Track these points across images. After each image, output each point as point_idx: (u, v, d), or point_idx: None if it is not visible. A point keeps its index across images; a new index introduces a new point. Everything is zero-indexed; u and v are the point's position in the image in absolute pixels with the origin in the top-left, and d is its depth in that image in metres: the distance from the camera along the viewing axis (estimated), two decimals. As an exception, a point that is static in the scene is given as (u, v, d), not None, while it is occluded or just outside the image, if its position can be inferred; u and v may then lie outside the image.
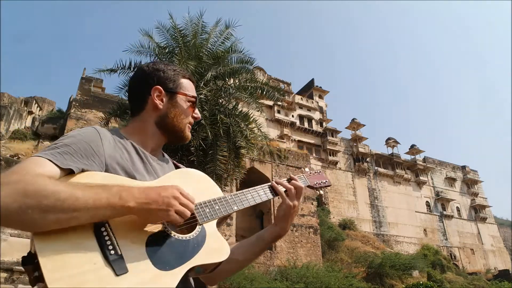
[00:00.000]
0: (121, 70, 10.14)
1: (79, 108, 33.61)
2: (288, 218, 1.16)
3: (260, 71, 38.98)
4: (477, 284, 32.46)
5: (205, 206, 1.01)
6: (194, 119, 1.17)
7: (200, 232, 0.97)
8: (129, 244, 0.84)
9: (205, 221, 0.99)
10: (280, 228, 1.17)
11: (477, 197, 53.24)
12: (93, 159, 0.91)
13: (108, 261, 0.79)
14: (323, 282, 20.02)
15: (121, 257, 0.81)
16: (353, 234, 35.15)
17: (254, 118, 10.50)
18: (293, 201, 1.15)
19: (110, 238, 0.82)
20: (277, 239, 1.18)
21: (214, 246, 0.97)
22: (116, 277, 0.78)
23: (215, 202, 1.04)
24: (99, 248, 0.80)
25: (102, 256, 0.79)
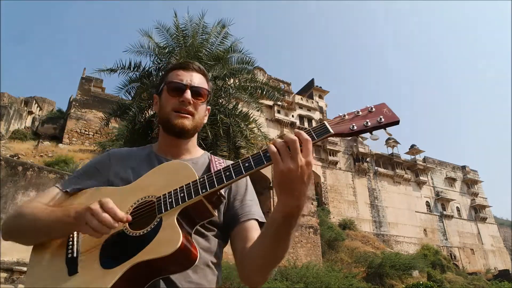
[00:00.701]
0: (121, 70, 10.15)
1: (79, 108, 33.60)
2: (286, 187, 0.82)
3: (260, 71, 38.98)
4: (477, 284, 32.43)
5: (168, 196, 0.93)
6: (181, 102, 1.09)
7: (155, 226, 0.90)
8: (88, 247, 0.94)
9: (163, 213, 0.91)
10: (282, 205, 0.85)
11: (477, 197, 53.20)
12: (95, 178, 1.11)
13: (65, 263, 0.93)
14: (323, 282, 20.00)
15: (75, 258, 0.93)
16: (353, 234, 35.12)
17: (254, 118, 10.50)
18: (286, 162, 0.81)
19: (73, 244, 0.96)
20: (289, 220, 0.86)
21: (163, 238, 0.86)
22: (68, 276, 0.90)
23: (182, 189, 0.92)
24: (65, 253, 0.95)
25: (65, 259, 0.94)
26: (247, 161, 0.89)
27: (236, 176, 0.88)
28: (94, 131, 32.34)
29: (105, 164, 1.13)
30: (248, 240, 1.02)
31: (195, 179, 0.94)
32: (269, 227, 0.90)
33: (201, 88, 1.14)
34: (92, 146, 28.64)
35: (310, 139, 0.84)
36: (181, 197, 0.91)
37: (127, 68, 10.17)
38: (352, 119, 0.90)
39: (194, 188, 0.91)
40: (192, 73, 1.15)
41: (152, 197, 0.96)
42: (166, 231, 0.88)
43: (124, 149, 1.21)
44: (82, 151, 28.15)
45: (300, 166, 0.81)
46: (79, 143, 31.12)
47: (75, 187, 1.08)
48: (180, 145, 1.16)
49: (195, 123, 1.13)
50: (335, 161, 44.27)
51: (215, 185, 0.90)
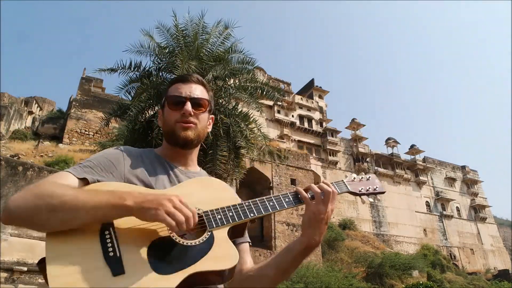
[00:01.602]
0: (121, 70, 10.13)
1: (79, 108, 33.61)
2: (314, 225, 1.04)
3: (260, 71, 38.98)
4: (477, 284, 32.44)
5: (217, 213, 0.99)
6: (183, 115, 1.14)
7: (208, 239, 0.94)
8: (130, 247, 0.88)
9: (214, 228, 0.96)
10: (307, 238, 1.04)
11: (477, 197, 53.21)
12: (111, 171, 1.04)
13: (107, 262, 0.84)
14: (323, 282, 20.02)
15: (119, 258, 0.85)
16: (353, 234, 35.14)
17: (254, 118, 10.50)
18: (318, 206, 1.04)
19: (112, 241, 0.87)
20: (308, 251, 1.05)
21: (219, 253, 0.92)
22: (113, 277, 0.82)
23: (229, 209, 1.01)
24: (101, 251, 0.86)
25: (103, 258, 0.84)
26: (287, 196, 1.08)
27: (280, 208, 1.05)
28: (94, 131, 32.35)
29: (119, 159, 1.09)
30: (243, 262, 1.13)
31: (239, 201, 1.06)
32: (288, 254, 1.06)
33: (200, 98, 1.18)
34: (92, 146, 28.63)
35: (337, 192, 1.09)
36: (230, 216, 1.00)
37: (127, 68, 10.16)
38: (359, 182, 1.21)
39: (242, 210, 1.02)
40: (191, 85, 1.19)
41: (196, 209, 0.96)
42: (222, 245, 0.94)
43: (132, 148, 1.19)
44: (82, 151, 28.16)
45: (328, 212, 1.04)
46: (79, 143, 31.13)
47: (94, 177, 0.99)
48: (186, 155, 1.20)
49: (198, 133, 1.16)
50: (335, 161, 44.28)
51: (262, 212, 1.03)
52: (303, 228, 1.06)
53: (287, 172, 31.02)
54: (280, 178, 30.24)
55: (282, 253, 1.07)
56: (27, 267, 9.49)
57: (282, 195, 1.07)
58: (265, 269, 1.07)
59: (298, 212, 29.34)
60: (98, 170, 1.02)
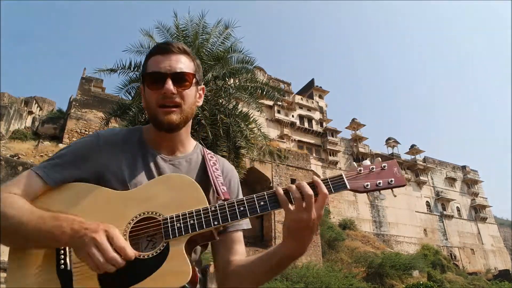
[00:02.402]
0: (121, 70, 10.15)
1: (79, 108, 33.60)
2: (295, 235, 0.88)
3: (260, 71, 38.97)
4: (477, 284, 32.43)
5: (177, 220, 0.88)
6: (164, 95, 0.97)
7: (162, 251, 0.86)
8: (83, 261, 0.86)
9: (171, 239, 0.87)
10: (287, 248, 0.90)
11: (477, 197, 53.20)
12: (82, 167, 0.97)
13: (58, 275, 0.85)
14: (323, 282, 20.01)
15: (69, 272, 0.85)
16: (353, 234, 35.13)
17: (254, 118, 10.51)
18: (298, 213, 0.86)
19: (65, 254, 0.87)
20: (290, 260, 0.92)
21: (170, 269, 0.84)
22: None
23: (192, 215, 0.89)
24: (55, 263, 0.86)
25: (56, 270, 0.86)
26: (263, 199, 0.91)
27: (251, 214, 0.90)
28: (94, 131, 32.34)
29: (93, 151, 0.99)
30: (232, 252, 1.04)
31: (205, 205, 0.92)
32: (269, 259, 0.94)
33: (183, 73, 1.00)
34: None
35: (327, 193, 0.88)
36: (191, 224, 0.88)
37: (127, 68, 10.17)
38: (367, 176, 0.94)
39: (205, 218, 0.89)
40: (172, 56, 1.00)
41: (157, 215, 0.91)
42: (175, 260, 0.85)
43: (114, 133, 1.07)
44: (82, 151, 28.13)
45: (312, 219, 0.86)
46: (79, 143, 31.09)
47: (59, 178, 0.94)
48: (173, 139, 1.06)
49: (185, 114, 1.02)
50: (335, 161, 44.27)
51: (228, 220, 0.90)
52: (283, 237, 0.91)
53: (287, 172, 31.00)
54: (280, 178, 30.22)
55: (264, 259, 0.96)
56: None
57: (257, 197, 0.91)
58: (251, 269, 0.98)
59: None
60: (68, 167, 0.96)
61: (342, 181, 0.92)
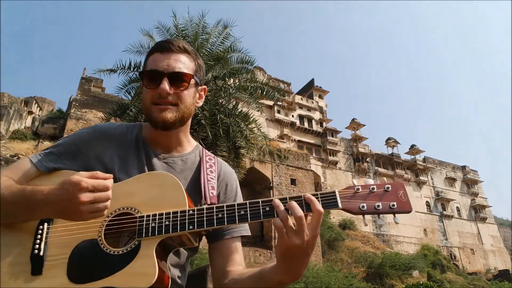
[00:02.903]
0: (121, 70, 10.15)
1: (79, 108, 33.59)
2: (289, 259, 0.81)
3: (260, 71, 38.97)
4: (477, 284, 32.44)
5: (153, 220, 0.86)
6: (159, 94, 0.95)
7: (133, 249, 0.84)
8: (56, 247, 0.85)
9: (143, 238, 0.85)
10: (279, 273, 0.83)
11: (477, 197, 53.21)
12: (76, 158, 0.99)
13: (31, 259, 0.83)
14: (323, 282, 20.01)
15: (42, 258, 0.83)
16: (353, 234, 35.13)
17: (254, 118, 10.50)
18: (291, 238, 0.78)
19: (41, 238, 0.85)
20: (282, 285, 0.85)
21: (136, 269, 0.81)
22: (31, 276, 0.82)
23: (168, 217, 0.86)
24: (31, 247, 0.85)
25: (29, 254, 0.84)
26: (244, 208, 0.86)
27: (228, 223, 0.86)
28: (94, 131, 32.33)
29: (88, 143, 1.00)
30: (229, 262, 1.00)
31: (184, 207, 0.88)
32: (261, 281, 0.88)
33: (180, 73, 0.96)
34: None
35: (322, 211, 0.81)
36: (165, 225, 0.85)
37: (127, 68, 10.18)
38: (365, 196, 0.85)
39: (181, 221, 0.86)
40: (171, 55, 0.97)
41: (134, 211, 0.89)
42: (143, 261, 0.82)
43: (111, 127, 1.06)
44: (82, 151, 28.15)
45: (306, 242, 0.79)
46: (79, 143, 31.10)
47: (51, 166, 0.96)
48: (169, 137, 1.04)
49: (181, 113, 0.99)
50: (335, 161, 44.27)
51: (203, 226, 0.85)
52: (277, 260, 0.83)
53: (287, 172, 30.99)
54: (280, 178, 30.22)
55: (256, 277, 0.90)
56: None
57: (239, 206, 0.86)
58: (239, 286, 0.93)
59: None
60: (63, 158, 0.98)
61: (334, 199, 0.85)
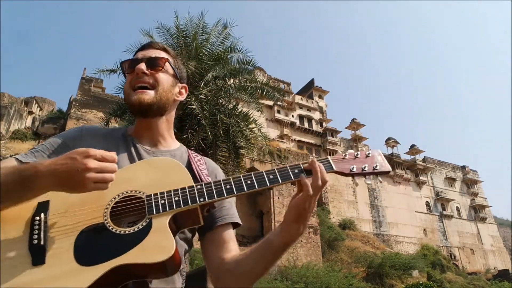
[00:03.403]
0: (121, 70, 10.14)
1: (79, 108, 33.63)
2: (302, 217, 0.87)
3: (260, 71, 38.99)
4: (477, 284, 32.47)
5: (161, 197, 0.86)
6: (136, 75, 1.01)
7: (144, 226, 0.83)
8: (58, 235, 0.82)
9: (154, 214, 0.84)
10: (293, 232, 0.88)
11: (477, 197, 53.20)
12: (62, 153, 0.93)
13: (30, 250, 0.79)
14: (323, 282, 20.04)
15: (42, 247, 0.79)
16: (353, 234, 35.14)
17: (254, 118, 10.51)
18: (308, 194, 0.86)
19: (39, 228, 0.81)
20: (289, 246, 0.90)
21: (153, 244, 0.80)
22: (32, 267, 0.77)
23: (177, 193, 0.87)
24: (28, 238, 0.81)
25: (27, 245, 0.80)
26: (249, 178, 0.90)
27: (238, 192, 0.88)
28: (94, 131, 32.36)
29: (76, 140, 1.00)
30: (226, 250, 0.99)
31: (190, 183, 0.90)
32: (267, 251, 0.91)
33: (155, 57, 1.03)
34: (92, 146, 28.63)
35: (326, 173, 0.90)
36: (175, 201, 0.86)
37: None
38: (353, 160, 0.97)
39: (191, 194, 0.87)
40: (150, 50, 1.07)
41: (139, 193, 0.88)
42: (158, 235, 0.82)
43: (97, 127, 1.10)
44: (82, 151, 28.15)
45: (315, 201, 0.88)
46: (79, 143, 31.12)
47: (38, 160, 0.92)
48: (152, 128, 1.06)
49: (159, 96, 1.01)
50: (335, 161, 44.23)
51: (214, 197, 0.87)
52: (289, 222, 0.88)
53: (287, 172, 30.99)
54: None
55: (261, 249, 0.92)
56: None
57: (244, 177, 0.90)
58: (243, 266, 0.94)
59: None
60: (49, 153, 0.96)
61: (328, 163, 0.94)
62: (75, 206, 0.85)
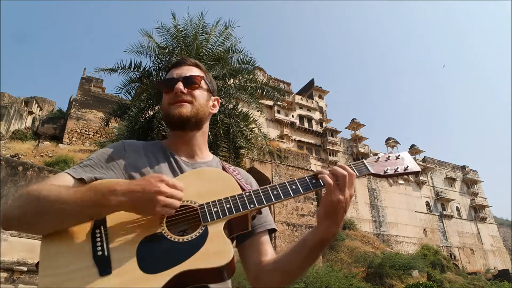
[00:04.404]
0: (121, 70, 10.14)
1: (79, 108, 33.60)
2: (331, 216, 0.92)
3: (260, 71, 38.98)
4: (477, 284, 32.45)
5: (213, 206, 0.92)
6: (175, 94, 1.08)
7: (201, 234, 0.88)
8: (120, 246, 0.86)
9: (209, 222, 0.90)
10: (322, 230, 0.93)
11: (477, 197, 53.22)
12: (112, 167, 1.01)
13: (95, 262, 0.83)
14: (323, 282, 20.00)
15: (107, 258, 0.83)
16: (353, 234, 35.15)
17: (254, 118, 10.50)
18: (336, 194, 0.91)
19: (101, 240, 0.86)
20: (324, 244, 0.94)
21: (211, 249, 0.85)
22: (100, 277, 0.81)
23: (227, 200, 0.93)
24: (91, 250, 0.85)
25: (92, 257, 0.84)
26: (294, 183, 0.97)
27: (285, 197, 0.94)
28: (94, 131, 32.35)
29: (120, 154, 1.05)
30: (263, 253, 1.06)
31: (239, 191, 0.96)
32: (303, 248, 0.96)
33: (191, 76, 1.11)
34: (92, 146, 28.64)
35: (354, 174, 0.95)
36: (227, 208, 0.92)
37: (127, 68, 10.17)
38: (385, 162, 1.03)
39: (241, 201, 0.93)
40: (183, 67, 1.14)
41: (192, 203, 0.94)
42: (216, 241, 0.87)
43: (135, 141, 1.15)
44: (82, 151, 28.16)
45: (346, 199, 0.91)
46: (79, 143, 31.13)
47: (92, 176, 0.96)
48: (189, 141, 1.13)
49: (196, 110, 1.09)
50: (335, 161, 44.26)
51: (263, 202, 0.93)
52: (319, 220, 0.94)
53: (287, 172, 31.03)
54: (280, 178, 30.25)
55: (298, 247, 0.98)
56: (27, 267, 9.49)
57: (289, 183, 0.97)
58: (281, 264, 1.00)
59: (298, 212, 29.32)
60: (98, 168, 0.99)
61: (364, 165, 1.00)
62: (131, 218, 0.89)
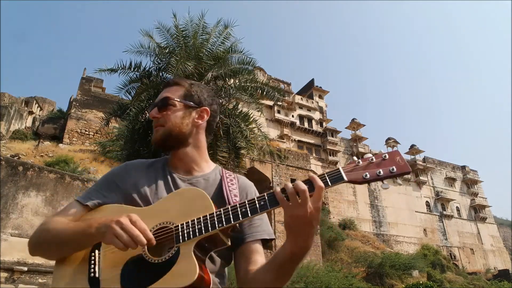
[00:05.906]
0: (121, 70, 10.15)
1: (80, 108, 33.60)
2: (295, 230, 0.89)
3: (260, 71, 38.98)
4: (477, 284, 32.46)
5: (186, 227, 0.97)
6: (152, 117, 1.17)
7: (174, 255, 0.94)
8: (109, 267, 0.97)
9: (181, 243, 0.95)
10: (290, 244, 0.91)
11: (477, 197, 53.21)
12: (115, 190, 1.12)
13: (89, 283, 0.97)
14: (323, 282, 20.00)
15: (97, 279, 0.96)
16: (353, 234, 35.14)
17: (254, 118, 10.50)
18: (295, 208, 0.87)
19: (95, 263, 0.99)
20: (295, 258, 0.93)
21: (179, 270, 0.91)
22: None
23: (199, 221, 0.97)
24: (87, 272, 0.99)
25: (87, 278, 0.98)
26: (263, 199, 0.95)
27: (252, 214, 0.95)
28: (94, 131, 32.36)
29: (123, 176, 1.15)
30: (251, 263, 1.07)
31: (212, 211, 0.98)
32: (274, 261, 0.96)
33: (161, 99, 1.17)
34: (92, 146, 28.65)
35: (323, 186, 0.89)
36: (198, 228, 0.96)
37: (127, 68, 10.17)
38: (366, 166, 0.93)
39: (211, 221, 0.96)
40: (166, 89, 1.21)
41: (170, 224, 1.00)
42: (183, 262, 0.92)
43: (141, 160, 1.22)
44: (82, 151, 28.16)
45: (309, 213, 0.87)
46: (79, 143, 31.13)
47: (95, 201, 1.10)
48: (183, 158, 1.18)
49: (168, 131, 1.13)
50: (335, 161, 44.28)
51: (231, 221, 0.95)
52: (286, 234, 0.92)
53: (287, 172, 31.01)
54: (280, 178, 30.24)
55: (269, 265, 0.99)
56: (27, 267, 9.49)
57: (258, 198, 0.95)
58: (261, 274, 1.01)
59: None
60: (102, 192, 1.12)
61: (339, 173, 0.92)
62: None
